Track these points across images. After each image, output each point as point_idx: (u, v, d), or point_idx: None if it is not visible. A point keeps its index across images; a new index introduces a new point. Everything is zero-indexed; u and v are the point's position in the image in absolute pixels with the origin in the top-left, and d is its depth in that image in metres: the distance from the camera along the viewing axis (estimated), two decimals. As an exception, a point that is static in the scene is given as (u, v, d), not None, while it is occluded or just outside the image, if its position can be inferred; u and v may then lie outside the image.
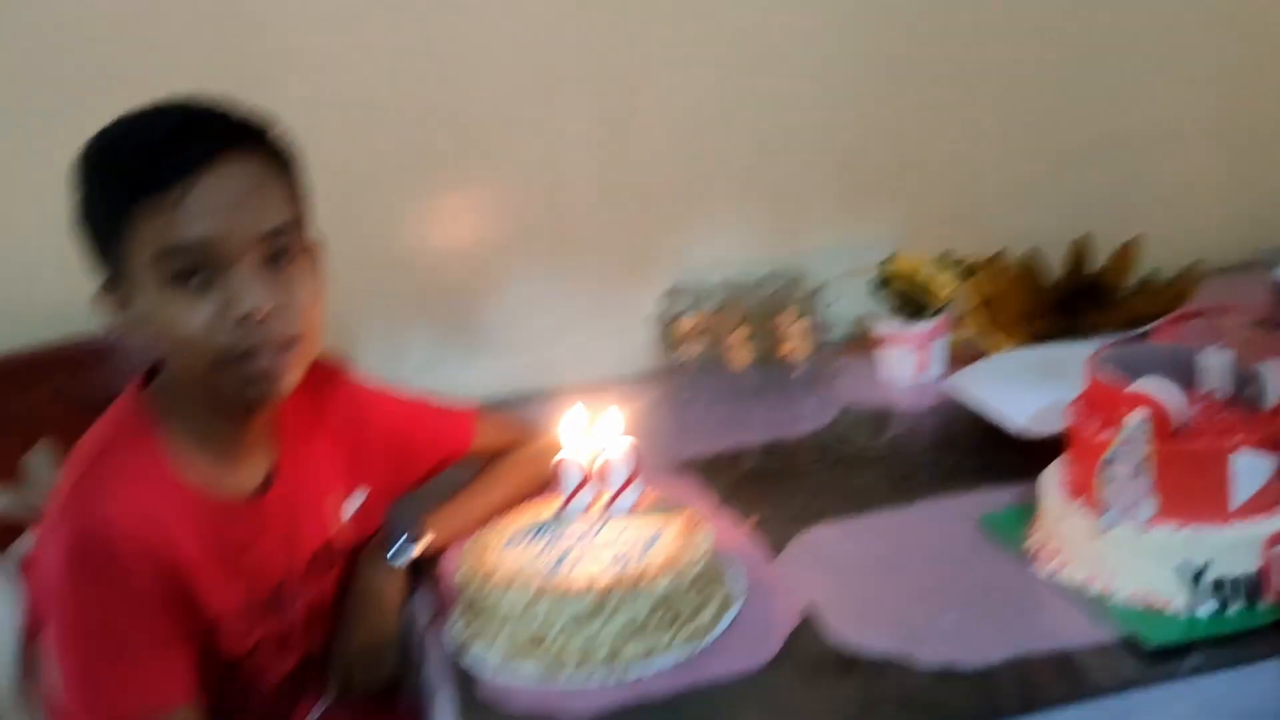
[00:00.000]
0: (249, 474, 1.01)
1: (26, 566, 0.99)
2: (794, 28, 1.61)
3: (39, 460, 1.23)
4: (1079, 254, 1.59)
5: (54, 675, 0.92)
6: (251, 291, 0.89)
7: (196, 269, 0.88)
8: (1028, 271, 1.59)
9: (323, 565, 1.06)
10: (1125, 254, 1.58)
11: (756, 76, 1.61)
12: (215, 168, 0.88)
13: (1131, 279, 1.59)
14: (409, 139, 1.51)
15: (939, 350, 1.48)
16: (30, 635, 1.00)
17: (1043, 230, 1.62)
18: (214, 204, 0.88)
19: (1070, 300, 1.58)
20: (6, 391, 1.23)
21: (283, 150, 0.95)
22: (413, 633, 1.07)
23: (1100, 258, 1.59)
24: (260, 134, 0.94)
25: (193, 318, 0.88)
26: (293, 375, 0.94)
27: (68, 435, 1.20)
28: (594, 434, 1.08)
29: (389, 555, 1.08)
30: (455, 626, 0.99)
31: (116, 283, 0.91)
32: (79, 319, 1.22)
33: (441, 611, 1.03)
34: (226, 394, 0.93)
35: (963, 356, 1.47)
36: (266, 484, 1.02)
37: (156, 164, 0.87)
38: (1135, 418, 0.91)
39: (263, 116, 0.94)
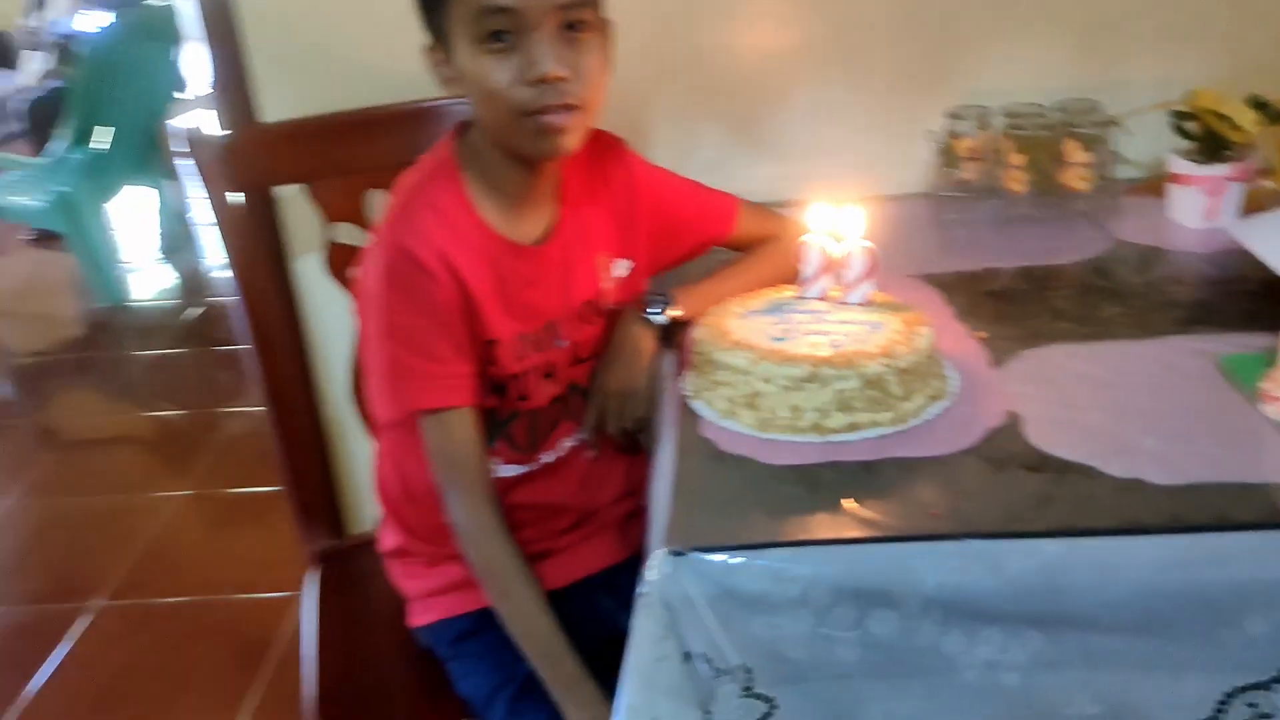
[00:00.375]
0: (534, 225, 1.17)
1: (355, 282, 1.20)
2: None
3: (376, 201, 1.46)
4: None
5: (370, 370, 1.15)
6: (547, 55, 1.02)
7: (504, 32, 1.02)
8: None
9: (589, 315, 1.22)
10: None
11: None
12: None
13: None
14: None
15: (1233, 196, 1.41)
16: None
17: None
18: None
19: None
20: (355, 141, 1.45)
21: None
22: (658, 384, 1.21)
23: None
24: None
25: (498, 74, 1.03)
26: (575, 135, 1.07)
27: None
28: (841, 229, 1.15)
29: (647, 313, 1.22)
30: (689, 379, 1.13)
31: (441, 41, 1.07)
32: (416, 85, 1.43)
33: (682, 368, 1.17)
34: (519, 145, 1.08)
35: (1260, 206, 1.40)
36: (547, 235, 1.18)
37: None
38: (1390, 265, 0.87)
39: None
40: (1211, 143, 1.40)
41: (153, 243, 4.49)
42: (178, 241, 4.38)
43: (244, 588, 2.32)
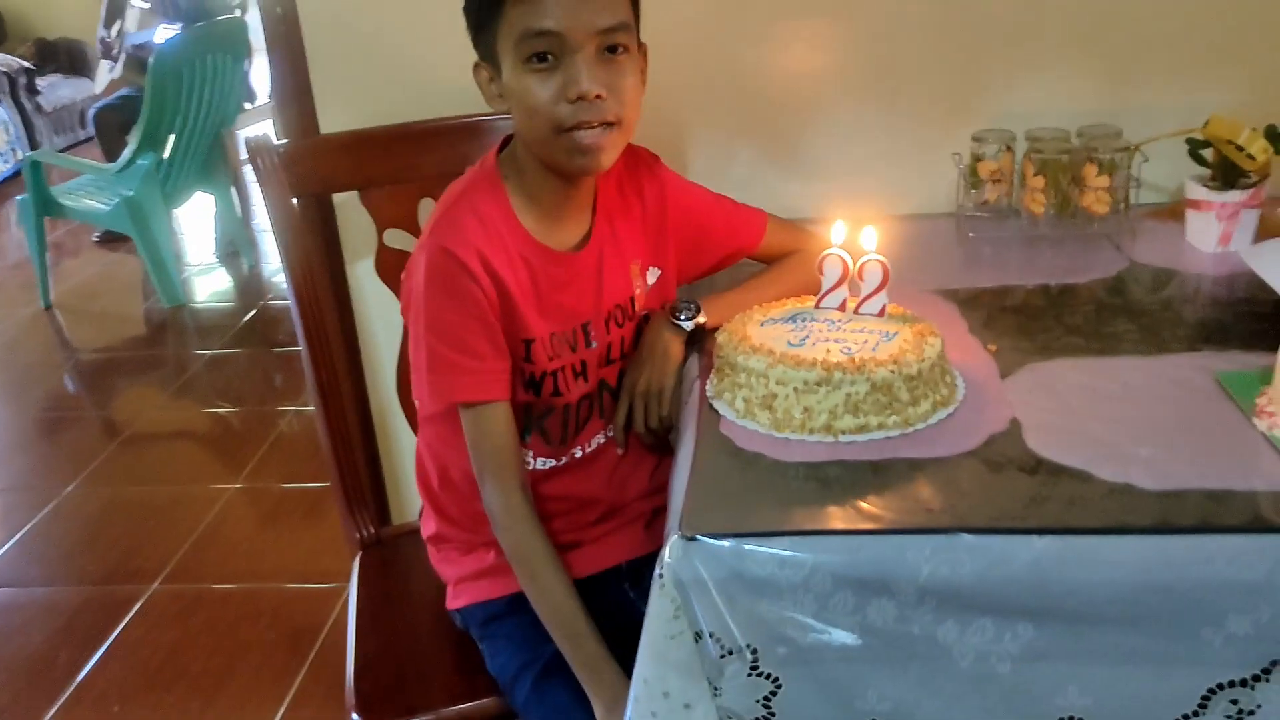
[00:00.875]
0: (570, 232, 1.25)
1: (403, 283, 1.29)
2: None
3: (426, 209, 1.55)
4: None
5: (414, 364, 1.23)
6: (586, 76, 1.10)
7: (547, 53, 1.11)
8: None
9: (620, 318, 1.30)
10: None
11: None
12: None
13: None
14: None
15: (1247, 222, 1.45)
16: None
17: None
18: (567, 1, 1.09)
19: None
20: (407, 152, 1.55)
21: None
22: (685, 386, 1.29)
23: None
24: None
25: (540, 91, 1.12)
26: (611, 152, 1.16)
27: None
28: (859, 245, 1.22)
29: (676, 319, 1.30)
30: (710, 380, 1.20)
31: (489, 60, 1.16)
32: (466, 100, 1.52)
33: (705, 371, 1.24)
34: (558, 160, 1.16)
35: (1274, 232, 1.44)
36: (582, 243, 1.26)
37: None
38: (1370, 287, 0.92)
39: None
40: (1227, 170, 1.45)
41: (212, 247, 4.66)
42: (236, 246, 4.54)
43: (292, 577, 2.42)
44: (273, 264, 4.50)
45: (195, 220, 4.91)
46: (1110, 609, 0.93)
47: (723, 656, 0.97)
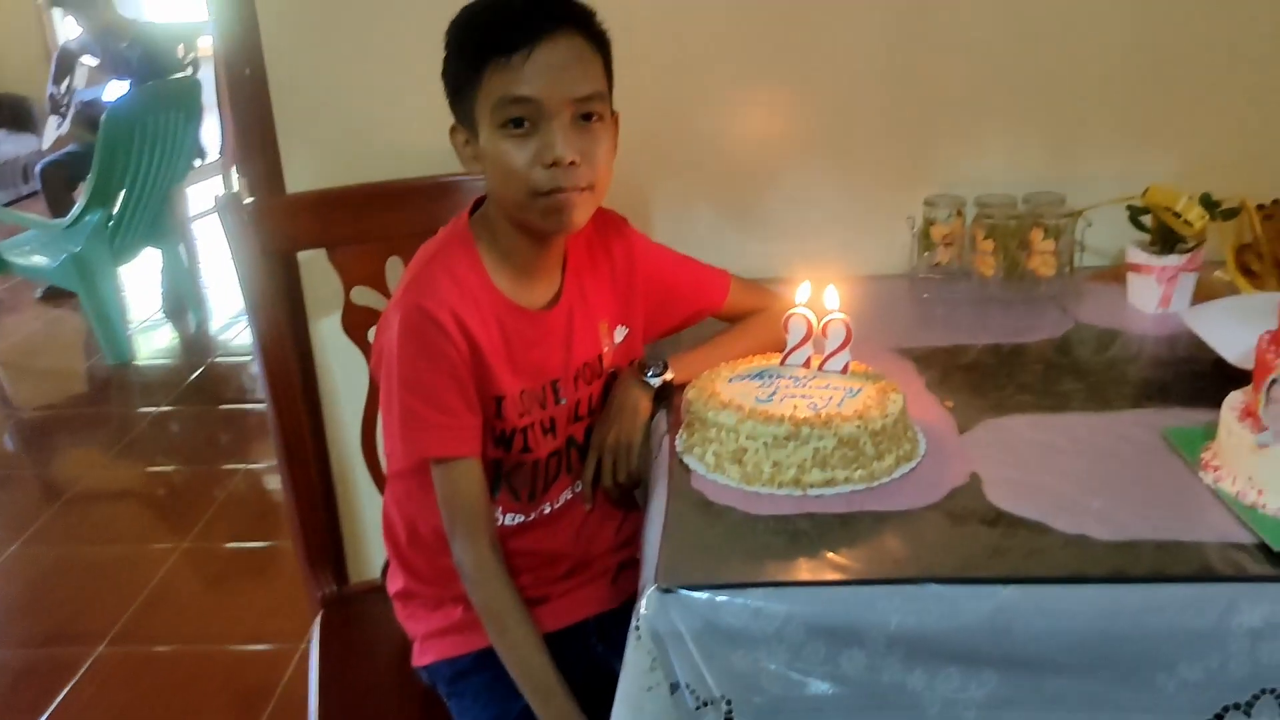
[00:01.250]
0: (541, 292, 1.28)
1: (375, 341, 1.30)
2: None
3: (395, 268, 1.57)
4: (1366, 211, 1.56)
5: (386, 420, 1.24)
6: (562, 142, 1.14)
7: (524, 119, 1.14)
8: (1301, 221, 1.59)
9: (588, 376, 1.32)
10: None
11: (1044, 8, 1.67)
12: (549, 40, 1.13)
13: None
14: (721, 36, 1.71)
15: (1185, 285, 1.52)
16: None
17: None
18: (545, 68, 1.13)
19: (1349, 256, 1.56)
20: (378, 210, 1.57)
21: (601, 33, 1.19)
22: (652, 442, 1.31)
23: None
24: (586, 18, 1.18)
25: (517, 156, 1.15)
26: (583, 213, 1.19)
27: (413, 252, 1.53)
28: (822, 304, 1.26)
29: (644, 376, 1.33)
30: (680, 436, 1.23)
31: (466, 123, 1.20)
32: (435, 160, 1.55)
33: (674, 427, 1.27)
34: (532, 221, 1.19)
35: (1211, 294, 1.51)
36: (553, 302, 1.28)
37: (507, 33, 1.14)
38: (1305, 347, 0.98)
39: (587, 5, 1.18)
40: (1166, 235, 1.52)
41: (158, 303, 4.61)
42: (184, 302, 4.50)
43: (243, 638, 2.38)
44: (220, 320, 4.46)
45: (141, 276, 4.86)
46: (1069, 657, 0.97)
47: (699, 708, 0.99)
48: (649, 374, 1.33)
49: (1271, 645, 0.94)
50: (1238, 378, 1.20)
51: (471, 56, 1.16)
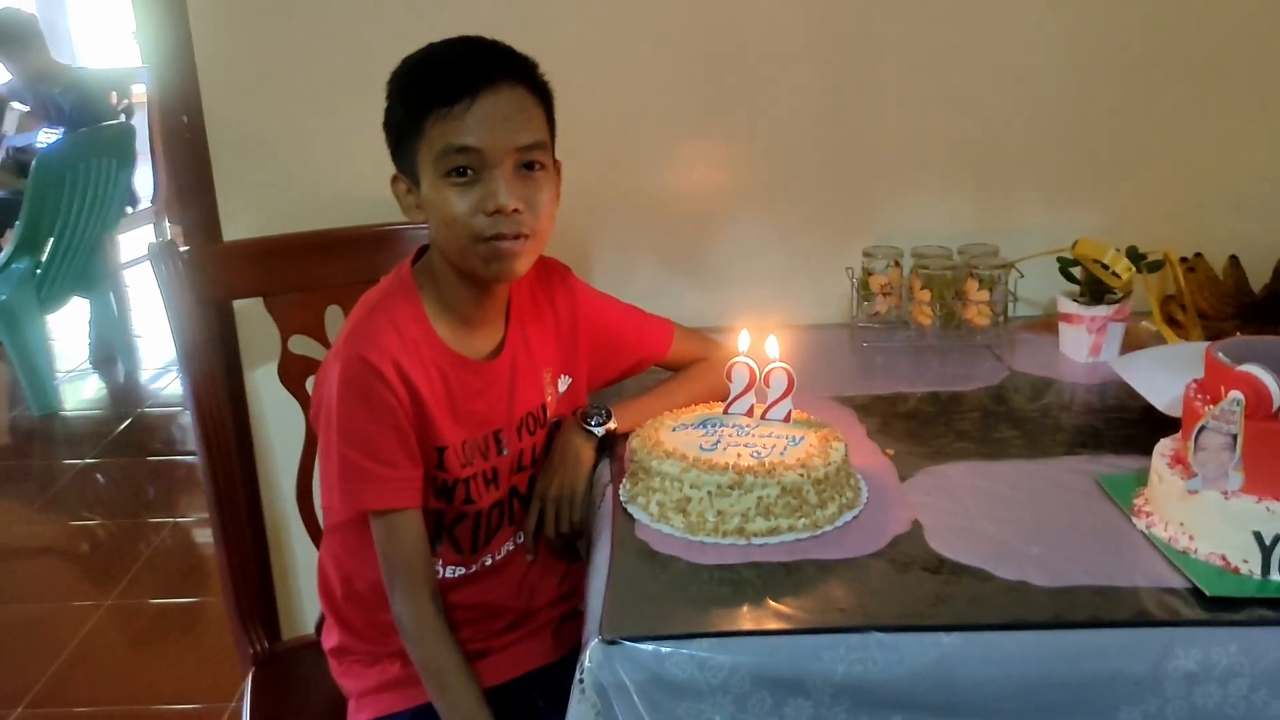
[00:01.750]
0: (484, 341, 1.27)
1: (314, 391, 1.28)
2: (1016, 24, 1.70)
3: (334, 317, 1.55)
4: (1283, 264, 1.62)
5: (324, 472, 1.22)
6: (504, 191, 1.14)
7: (467, 167, 1.14)
8: (1222, 275, 1.64)
9: (532, 425, 1.31)
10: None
11: (976, 68, 1.72)
12: (491, 90, 1.14)
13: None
14: (664, 89, 1.73)
15: (1114, 334, 1.56)
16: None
17: (1245, 239, 1.66)
18: (487, 118, 1.14)
19: (1267, 308, 1.62)
20: (317, 259, 1.55)
21: (542, 84, 1.20)
22: (595, 491, 1.30)
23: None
24: (528, 69, 1.19)
25: (460, 204, 1.15)
26: (525, 261, 1.19)
27: (353, 302, 1.52)
28: (764, 353, 1.27)
29: (587, 425, 1.32)
30: (624, 485, 1.22)
31: (408, 172, 1.19)
32: (374, 209, 1.54)
33: (617, 477, 1.26)
34: (474, 269, 1.19)
35: (1139, 344, 1.56)
36: (496, 351, 1.28)
37: (449, 83, 1.14)
38: (1232, 395, 1.01)
39: (529, 57, 1.19)
40: (1095, 287, 1.57)
41: (85, 353, 4.50)
42: (113, 351, 4.40)
43: (169, 698, 2.30)
44: (150, 370, 4.37)
45: (69, 325, 4.74)
46: (1011, 704, 0.97)
47: (643, 761, 0.97)
48: (592, 423, 1.32)
49: (1206, 689, 0.96)
50: (1166, 425, 1.23)
51: (413, 106, 1.16)
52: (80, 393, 4.25)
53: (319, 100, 1.72)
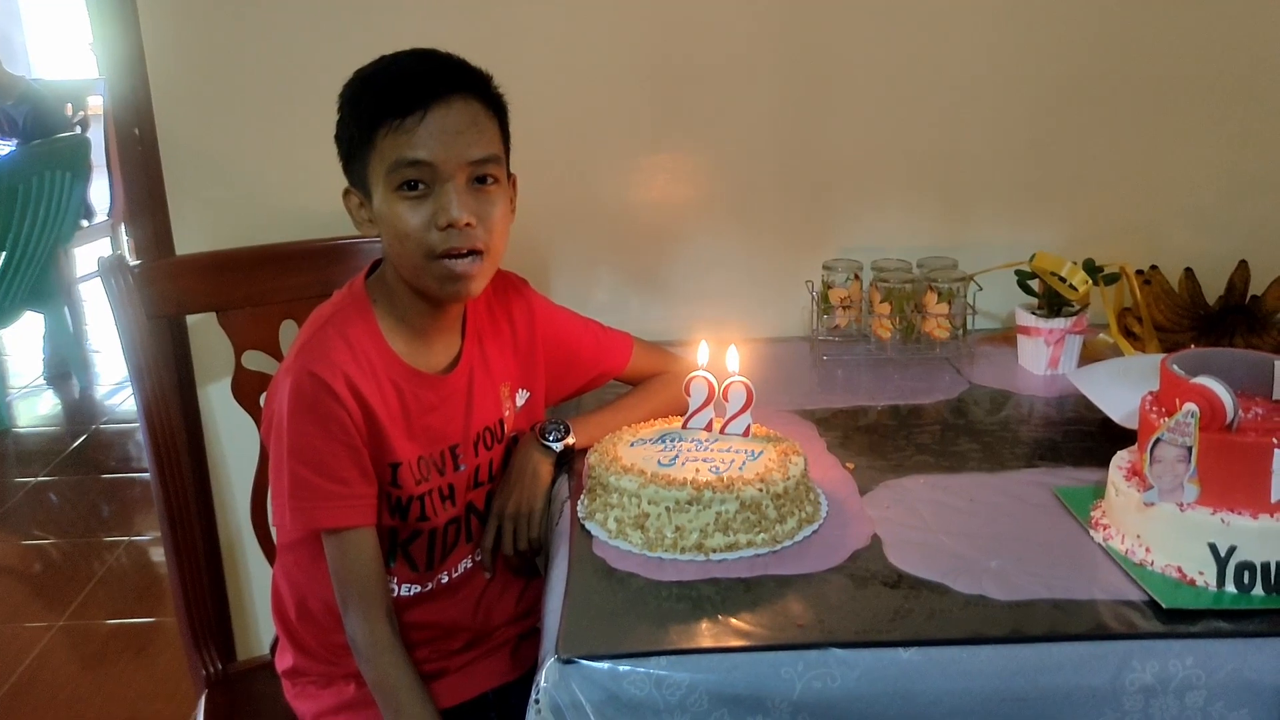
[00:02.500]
0: (440, 356, 1.26)
1: (265, 407, 1.26)
2: (974, 41, 1.72)
3: (288, 331, 1.53)
4: (1237, 279, 1.64)
5: (275, 490, 1.19)
6: (456, 205, 1.13)
7: (419, 181, 1.13)
8: (1177, 288, 1.66)
9: (489, 441, 1.30)
10: (1282, 283, 1.62)
11: (935, 83, 1.73)
12: (443, 104, 1.13)
13: (1286, 308, 1.63)
14: (621, 104, 1.72)
15: (1072, 347, 1.57)
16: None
17: (1200, 252, 1.68)
18: (439, 132, 1.12)
19: (1222, 321, 1.64)
20: (271, 273, 1.53)
21: (496, 97, 1.19)
22: (553, 507, 1.29)
23: (1259, 287, 1.64)
24: (482, 83, 1.18)
25: (411, 218, 1.14)
26: (480, 280, 1.18)
27: (307, 316, 1.50)
28: (724, 366, 1.26)
29: (545, 440, 1.31)
30: (582, 501, 1.21)
31: (359, 186, 1.18)
32: (328, 223, 1.52)
33: (575, 493, 1.25)
34: (427, 286, 1.17)
35: (1096, 356, 1.57)
36: (452, 365, 1.26)
37: (400, 96, 1.12)
38: (1186, 408, 1.01)
39: (483, 70, 1.18)
40: (1053, 299, 1.57)
41: (39, 368, 4.42)
42: (68, 366, 4.33)
43: (122, 721, 2.25)
44: (106, 386, 4.30)
45: (22, 340, 4.66)
46: (971, 719, 0.96)
47: (600, 783, 0.96)
48: (550, 438, 1.31)
49: (1163, 701, 0.96)
50: (1123, 437, 1.23)
51: (364, 119, 1.14)
52: (34, 409, 4.17)
53: (272, 114, 1.70)
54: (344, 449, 1.15)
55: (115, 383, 4.29)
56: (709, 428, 1.25)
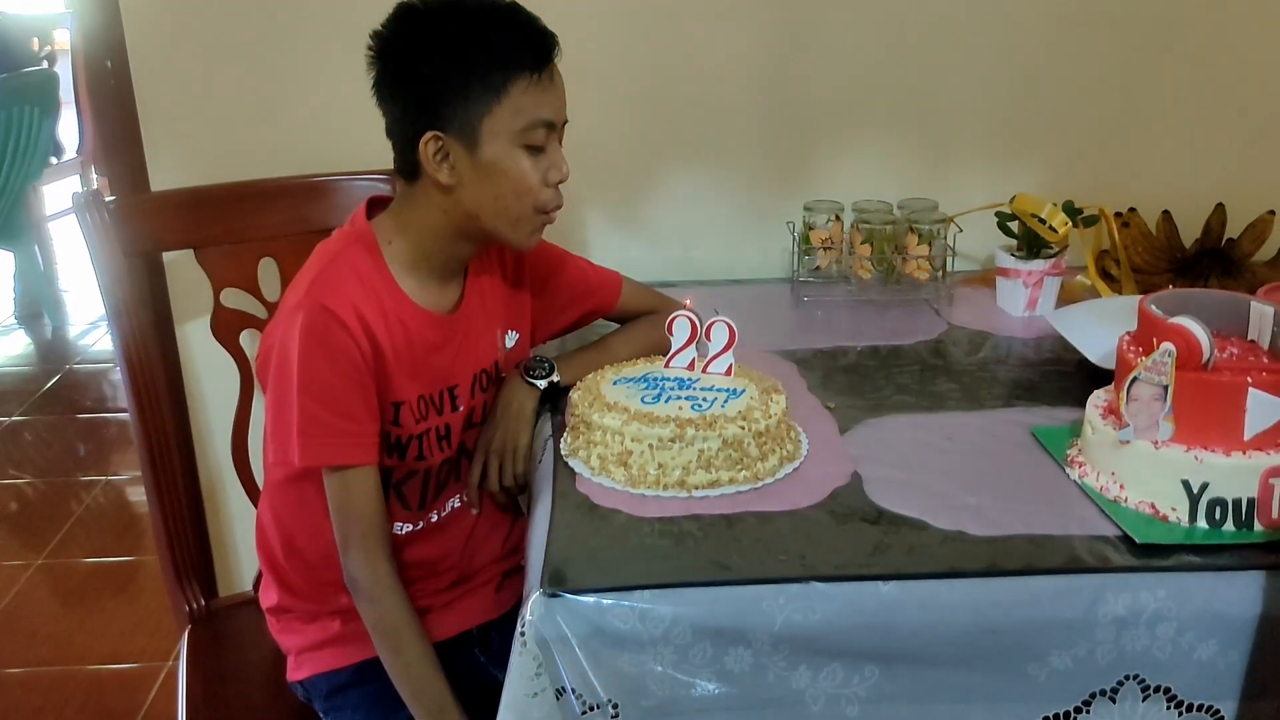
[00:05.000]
0: (445, 296, 1.25)
1: (263, 341, 1.22)
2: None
3: (267, 269, 1.52)
4: (1214, 222, 1.65)
5: (279, 425, 1.15)
6: (563, 162, 1.18)
7: (543, 140, 1.15)
8: (1155, 230, 1.67)
9: (485, 382, 1.30)
10: (1258, 228, 1.64)
11: (917, 23, 1.72)
12: (555, 60, 1.16)
13: (1264, 253, 1.65)
14: (599, 44, 1.69)
15: (1050, 289, 1.58)
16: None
17: (1177, 195, 1.69)
18: (559, 90, 1.17)
19: (1198, 263, 1.65)
20: (249, 210, 1.51)
21: None
22: (537, 444, 1.29)
23: (1235, 230, 1.65)
24: None
25: (534, 174, 1.16)
26: None
27: (287, 253, 1.49)
28: (706, 310, 1.27)
29: (530, 378, 1.31)
30: (565, 438, 1.22)
31: (459, 132, 1.13)
32: (307, 158, 1.51)
33: (559, 430, 1.26)
34: (517, 236, 1.19)
35: (1074, 298, 1.58)
36: (455, 306, 1.25)
37: (536, 49, 1.13)
38: (1164, 347, 1.03)
39: None
40: (1032, 241, 1.58)
41: (10, 308, 4.37)
42: (40, 306, 4.28)
43: (102, 658, 2.26)
44: (79, 325, 4.25)
45: (-8, 279, 4.60)
46: (948, 650, 0.99)
47: (585, 713, 0.97)
48: (534, 375, 1.31)
49: (1134, 632, 0.98)
50: (1100, 377, 1.25)
51: (495, 67, 1.12)
52: (5, 349, 4.13)
53: (249, 46, 1.67)
54: (354, 385, 1.14)
55: (88, 323, 4.25)
56: (691, 367, 1.26)
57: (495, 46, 1.12)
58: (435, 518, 1.30)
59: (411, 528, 1.29)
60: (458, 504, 1.33)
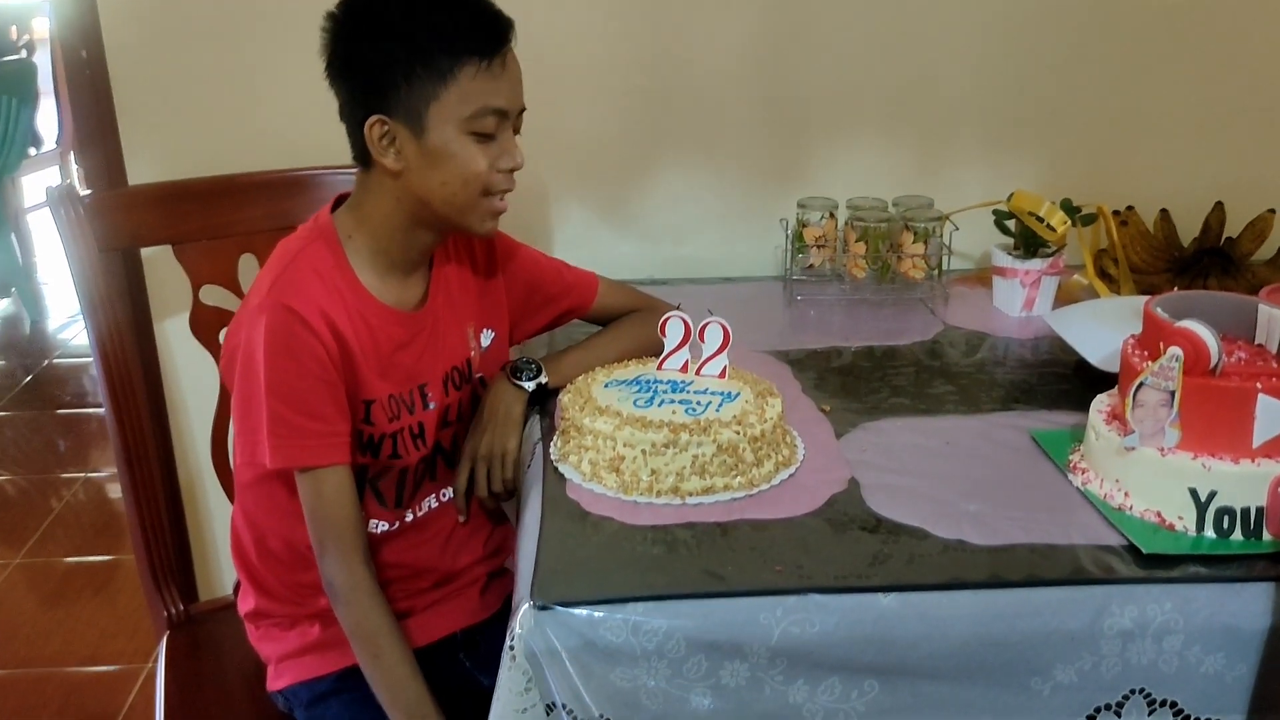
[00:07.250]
0: (410, 292, 1.21)
1: (227, 342, 1.21)
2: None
3: (246, 265, 1.48)
4: (1213, 221, 1.63)
5: (246, 427, 1.13)
6: (516, 150, 1.14)
7: (494, 128, 1.12)
8: (1153, 229, 1.65)
9: (458, 380, 1.26)
10: (1258, 226, 1.62)
11: (913, 19, 1.69)
12: (509, 47, 1.12)
13: (1264, 252, 1.63)
14: (592, 38, 1.67)
15: (1048, 288, 1.56)
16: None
17: (1175, 193, 1.66)
18: (514, 79, 1.13)
19: (1197, 262, 1.63)
20: (228, 205, 1.47)
21: None
22: (525, 448, 1.26)
23: (1234, 229, 1.63)
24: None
25: (481, 160, 1.12)
26: None
27: (267, 249, 1.45)
28: (699, 310, 1.23)
29: (517, 380, 1.27)
30: (555, 443, 1.18)
31: (405, 117, 1.10)
32: (286, 153, 1.47)
33: (548, 434, 1.22)
34: (470, 222, 1.16)
35: (1072, 298, 1.55)
36: (420, 303, 1.22)
37: (486, 35, 1.09)
38: (1171, 351, 1.00)
39: None
40: (1029, 240, 1.55)
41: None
42: (15, 300, 4.22)
43: (81, 660, 2.22)
44: (59, 319, 4.19)
45: (-32, 272, 4.53)
46: (948, 663, 0.96)
47: (575, 729, 0.94)
48: (522, 378, 1.27)
49: (1140, 645, 0.96)
50: (1098, 380, 1.23)
51: (441, 52, 1.08)
52: (-16, 343, 4.07)
53: (228, 38, 1.62)
54: (322, 385, 1.11)
55: (68, 316, 4.19)
56: (684, 369, 1.23)
57: (443, 30, 1.09)
58: (412, 516, 1.27)
59: (388, 526, 1.25)
60: (435, 504, 1.29)
